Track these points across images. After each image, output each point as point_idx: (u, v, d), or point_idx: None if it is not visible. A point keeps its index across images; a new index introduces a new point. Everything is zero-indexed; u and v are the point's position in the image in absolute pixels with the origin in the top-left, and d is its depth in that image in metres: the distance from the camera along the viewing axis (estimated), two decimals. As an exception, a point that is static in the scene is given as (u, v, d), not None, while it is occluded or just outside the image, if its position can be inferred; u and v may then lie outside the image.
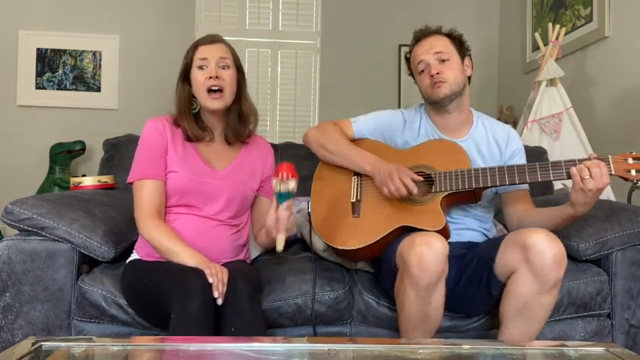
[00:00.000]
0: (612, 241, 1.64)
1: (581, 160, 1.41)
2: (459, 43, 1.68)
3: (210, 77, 1.53)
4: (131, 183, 1.56)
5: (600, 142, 2.61)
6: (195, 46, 1.58)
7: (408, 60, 1.75)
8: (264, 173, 1.70)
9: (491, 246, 1.49)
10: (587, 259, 1.66)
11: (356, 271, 1.73)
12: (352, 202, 1.66)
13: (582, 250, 1.65)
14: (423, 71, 1.66)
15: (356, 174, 1.70)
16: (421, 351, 1.04)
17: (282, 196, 1.42)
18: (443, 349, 1.07)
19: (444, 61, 1.63)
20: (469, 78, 1.71)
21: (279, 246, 1.46)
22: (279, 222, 1.45)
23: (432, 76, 1.62)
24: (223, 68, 1.56)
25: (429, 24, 1.72)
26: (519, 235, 1.40)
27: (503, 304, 1.44)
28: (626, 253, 1.66)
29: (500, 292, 1.45)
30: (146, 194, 1.52)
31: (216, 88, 1.54)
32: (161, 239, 1.48)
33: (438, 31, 1.69)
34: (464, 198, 1.59)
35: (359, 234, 1.60)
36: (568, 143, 2.61)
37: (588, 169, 1.37)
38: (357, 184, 1.69)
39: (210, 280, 1.34)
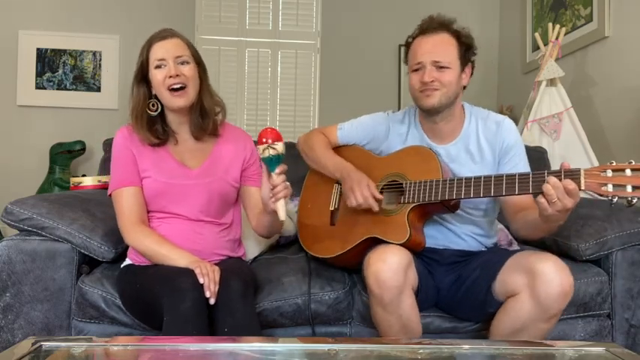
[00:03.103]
0: (612, 241, 1.64)
1: (550, 173, 1.28)
2: (465, 48, 1.54)
3: (170, 76, 1.46)
4: (111, 195, 1.54)
5: (600, 142, 2.61)
6: (149, 44, 1.49)
7: (408, 46, 1.58)
8: (247, 161, 1.63)
9: (495, 264, 1.44)
10: (587, 259, 1.66)
11: (356, 272, 1.72)
12: (331, 211, 1.68)
13: (582, 250, 1.65)
14: (416, 70, 1.53)
15: (338, 182, 1.67)
16: (421, 351, 1.04)
17: (272, 161, 1.32)
18: (443, 349, 1.07)
19: (442, 67, 1.50)
20: (464, 86, 1.58)
21: (282, 215, 1.36)
22: (275, 190, 1.35)
23: (423, 82, 1.50)
24: (182, 64, 1.48)
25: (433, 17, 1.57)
26: (528, 259, 1.36)
27: (498, 321, 1.40)
28: (626, 253, 1.66)
29: (496, 310, 1.42)
30: (126, 202, 1.50)
31: (177, 86, 1.47)
32: (148, 244, 1.47)
33: (447, 28, 1.53)
34: (437, 208, 1.52)
35: (332, 243, 1.62)
36: (568, 143, 2.61)
37: (555, 191, 1.24)
38: (337, 193, 1.69)
39: (201, 280, 1.32)
